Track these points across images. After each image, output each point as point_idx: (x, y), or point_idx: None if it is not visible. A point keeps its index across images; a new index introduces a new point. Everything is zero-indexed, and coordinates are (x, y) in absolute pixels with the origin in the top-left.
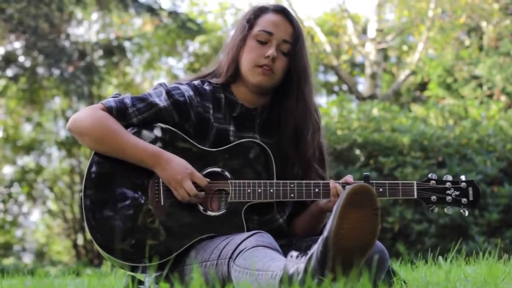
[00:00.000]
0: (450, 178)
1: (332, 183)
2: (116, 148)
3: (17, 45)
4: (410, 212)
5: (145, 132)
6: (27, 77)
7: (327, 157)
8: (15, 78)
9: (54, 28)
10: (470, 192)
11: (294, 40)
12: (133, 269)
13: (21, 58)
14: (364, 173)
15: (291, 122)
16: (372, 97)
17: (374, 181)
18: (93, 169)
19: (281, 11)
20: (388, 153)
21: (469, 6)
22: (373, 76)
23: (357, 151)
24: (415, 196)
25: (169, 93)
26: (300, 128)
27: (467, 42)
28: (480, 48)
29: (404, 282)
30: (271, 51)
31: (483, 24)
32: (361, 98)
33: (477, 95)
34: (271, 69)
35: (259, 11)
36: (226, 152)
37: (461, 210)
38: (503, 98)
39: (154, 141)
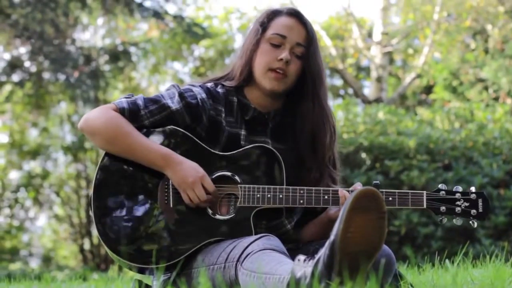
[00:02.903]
0: (460, 189)
1: (341, 191)
2: (127, 149)
3: (23, 50)
4: (416, 215)
5: (156, 134)
6: (33, 82)
7: (337, 157)
8: (21, 83)
9: (60, 33)
10: (480, 203)
11: (308, 43)
12: (141, 270)
13: (27, 63)
14: (374, 182)
15: (307, 127)
16: (378, 100)
17: (384, 190)
18: (104, 169)
19: (295, 14)
20: (394, 157)
21: (475, 9)
22: (379, 79)
23: (363, 155)
24: (425, 207)
25: (181, 95)
26: (317, 132)
27: (472, 45)
28: (486, 51)
29: (411, 286)
30: (284, 54)
31: (489, 27)
32: (367, 101)
33: (483, 98)
34: (284, 72)
35: (273, 14)
36: (237, 156)
37: (470, 222)
38: (509, 100)
39: (165, 143)
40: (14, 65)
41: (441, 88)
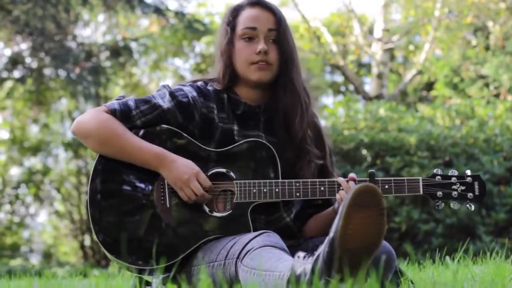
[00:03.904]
0: (455, 173)
1: (343, 181)
2: (120, 150)
3: (24, 46)
4: (417, 212)
5: (149, 134)
6: (34, 78)
7: (327, 141)
8: (22, 80)
9: (61, 29)
10: (476, 186)
11: (277, 26)
12: (140, 271)
13: (28, 60)
14: (370, 171)
15: (281, 109)
16: (379, 97)
17: (380, 178)
18: (98, 171)
19: (256, 3)
20: (395, 153)
21: (476, 5)
22: (380, 76)
23: (364, 151)
24: (421, 192)
25: (172, 94)
26: (289, 114)
27: (473, 42)
28: (487, 48)
29: (412, 282)
30: (261, 46)
31: (490, 23)
32: (367, 98)
33: (483, 94)
34: (266, 62)
35: (236, 11)
36: (231, 152)
37: (467, 205)
38: (510, 97)
39: (158, 143)
40: (15, 61)
41: (442, 84)
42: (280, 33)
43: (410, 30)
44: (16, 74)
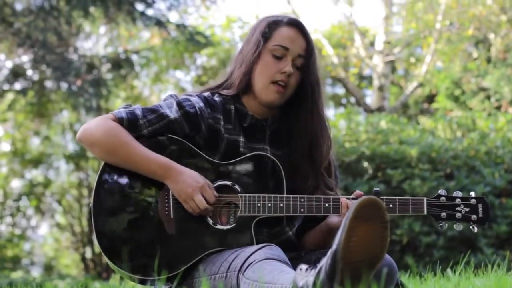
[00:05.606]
0: (460, 194)
1: (343, 199)
2: (127, 159)
3: (25, 58)
4: (418, 224)
5: (155, 144)
6: (35, 90)
7: (333, 164)
8: (23, 92)
9: (62, 42)
10: (480, 209)
11: (308, 55)
12: (142, 281)
13: (29, 72)
14: (375, 189)
15: (305, 136)
16: (380, 109)
17: (385, 197)
18: (103, 180)
19: (296, 24)
20: (396, 166)
21: (477, 18)
22: (381, 88)
23: (365, 164)
24: (425, 213)
25: (179, 104)
26: (315, 141)
27: (475, 54)
28: (488, 60)
29: None
30: (288, 68)
31: (491, 36)
32: (369, 110)
33: (485, 107)
34: (286, 84)
35: (274, 24)
36: (237, 165)
37: (471, 227)
38: (511, 110)
39: (164, 153)
40: (17, 73)
41: (443, 97)
42: (307, 63)
43: (411, 43)
44: (17, 86)
